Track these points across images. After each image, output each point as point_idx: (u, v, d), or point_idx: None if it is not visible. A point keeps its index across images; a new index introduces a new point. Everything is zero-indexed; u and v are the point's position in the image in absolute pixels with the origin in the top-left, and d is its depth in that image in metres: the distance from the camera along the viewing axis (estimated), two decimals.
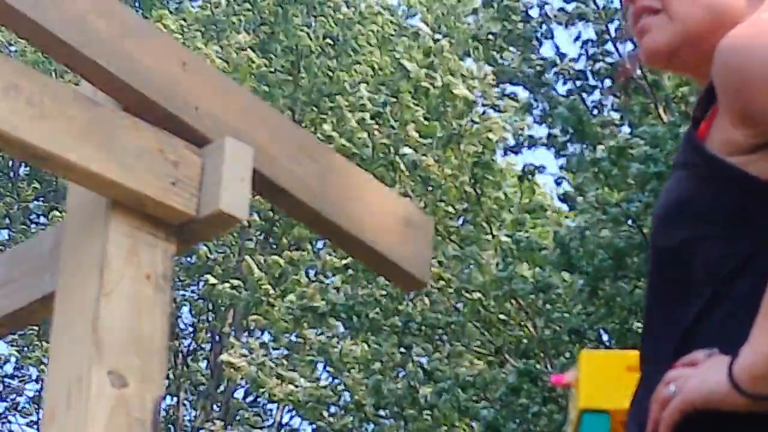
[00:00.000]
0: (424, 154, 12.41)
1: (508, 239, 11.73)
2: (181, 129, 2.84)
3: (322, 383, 13.54)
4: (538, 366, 11.18)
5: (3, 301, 3.04)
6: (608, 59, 11.79)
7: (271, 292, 14.20)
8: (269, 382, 13.16)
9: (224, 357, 14.12)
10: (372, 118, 13.03)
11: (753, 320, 1.70)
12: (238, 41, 16.31)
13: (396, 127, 12.81)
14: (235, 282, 14.90)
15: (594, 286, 10.55)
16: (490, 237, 12.38)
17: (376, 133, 12.83)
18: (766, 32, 1.79)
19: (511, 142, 12.76)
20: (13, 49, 17.29)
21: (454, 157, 12.42)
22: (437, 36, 13.12)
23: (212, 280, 14.91)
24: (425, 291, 11.94)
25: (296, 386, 13.14)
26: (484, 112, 12.84)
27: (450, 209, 12.61)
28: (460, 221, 12.88)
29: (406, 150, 12.43)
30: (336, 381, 13.89)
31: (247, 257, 15.25)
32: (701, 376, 1.72)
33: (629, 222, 10.36)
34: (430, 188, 12.42)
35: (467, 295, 11.88)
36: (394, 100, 12.98)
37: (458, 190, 12.48)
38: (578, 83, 11.91)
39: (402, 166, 12.47)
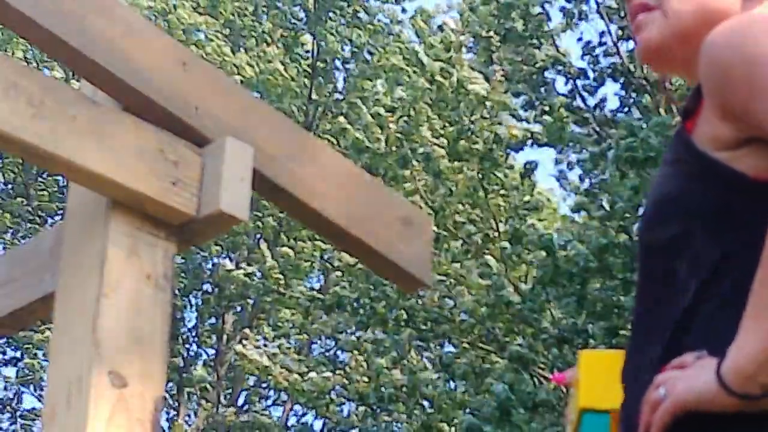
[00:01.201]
0: (436, 145, 12.41)
1: (506, 244, 11.74)
2: (181, 129, 2.84)
3: (326, 374, 13.52)
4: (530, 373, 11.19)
5: (4, 300, 3.04)
6: (610, 59, 11.82)
7: (282, 281, 14.22)
8: (275, 370, 13.16)
9: (238, 348, 14.11)
10: (387, 111, 13.03)
11: (740, 317, 1.70)
12: (267, 52, 16.28)
13: (409, 121, 12.81)
14: (249, 269, 14.88)
15: (581, 294, 10.58)
16: (496, 234, 12.40)
17: (390, 126, 12.84)
18: (751, 28, 1.80)
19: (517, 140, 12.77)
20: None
21: (463, 152, 12.43)
22: (461, 36, 13.11)
23: (228, 266, 14.86)
24: (433, 286, 11.98)
25: (302, 375, 13.15)
26: (493, 108, 12.83)
27: (459, 205, 12.62)
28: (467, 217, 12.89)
29: (421, 144, 12.45)
30: (341, 372, 13.87)
31: (261, 244, 15.24)
32: (691, 379, 1.72)
33: (619, 220, 10.40)
34: (439, 183, 12.43)
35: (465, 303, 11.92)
36: (411, 98, 12.98)
37: (465, 185, 12.49)
38: (579, 83, 11.93)
39: (414, 161, 12.48)
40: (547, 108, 11.74)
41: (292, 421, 17.89)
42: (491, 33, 12.28)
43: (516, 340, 11.39)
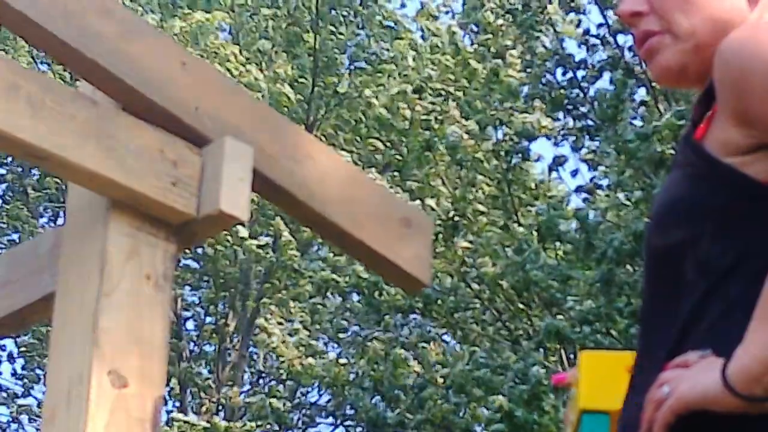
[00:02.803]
0: (465, 133, 12.33)
1: (534, 220, 11.71)
2: (181, 129, 2.84)
3: (342, 361, 13.44)
4: (552, 358, 11.15)
5: (3, 301, 3.04)
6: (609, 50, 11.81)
7: (297, 258, 14.12)
8: (289, 353, 13.06)
9: (260, 321, 13.95)
10: (415, 92, 12.93)
11: (746, 321, 1.70)
12: (279, 73, 16.27)
13: (437, 103, 12.73)
14: (263, 240, 14.74)
15: (610, 277, 10.53)
16: (516, 225, 12.37)
17: (417, 107, 12.75)
18: (765, 33, 1.80)
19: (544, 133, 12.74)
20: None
21: (489, 143, 12.39)
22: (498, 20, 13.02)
23: (242, 232, 14.72)
24: (447, 273, 11.95)
25: (315, 358, 13.06)
26: (525, 101, 12.76)
27: (480, 193, 12.58)
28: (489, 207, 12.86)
29: (450, 129, 12.34)
30: (352, 360, 13.80)
31: (277, 218, 15.15)
32: (695, 378, 1.72)
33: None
34: (463, 171, 12.37)
35: (482, 286, 11.88)
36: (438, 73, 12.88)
37: (490, 175, 12.46)
38: (579, 73, 11.92)
39: (439, 146, 12.40)
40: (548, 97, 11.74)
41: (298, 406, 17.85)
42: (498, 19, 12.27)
43: (542, 320, 11.34)
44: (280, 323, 14.15)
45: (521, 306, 11.81)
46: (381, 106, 13.20)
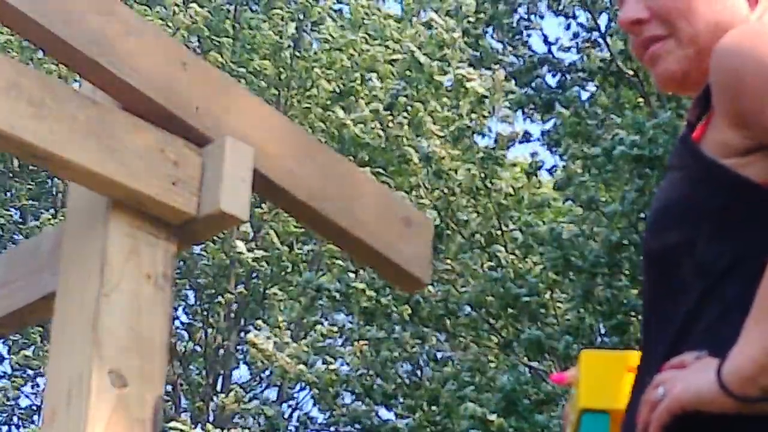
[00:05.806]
0: (438, 145, 12.38)
1: (517, 233, 11.74)
2: (181, 129, 2.84)
3: (332, 367, 13.45)
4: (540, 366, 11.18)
5: (3, 301, 3.04)
6: (599, 51, 11.81)
7: (289, 268, 14.18)
8: (281, 359, 13.08)
9: (250, 336, 14.02)
10: (386, 109, 12.98)
11: (743, 322, 1.71)
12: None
13: (409, 116, 12.77)
14: (259, 253, 14.81)
15: (588, 290, 10.57)
16: (499, 232, 12.39)
17: (390, 124, 12.79)
18: (761, 34, 1.81)
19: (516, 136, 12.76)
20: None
21: (464, 151, 12.42)
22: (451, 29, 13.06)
23: (240, 247, 14.79)
24: (436, 281, 11.98)
25: (307, 364, 13.08)
26: (493, 107, 12.81)
27: (462, 202, 12.61)
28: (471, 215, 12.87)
29: (422, 143, 12.41)
30: (345, 366, 13.80)
31: (269, 229, 15.21)
32: (690, 378, 1.73)
33: (626, 219, 10.40)
34: (442, 181, 12.40)
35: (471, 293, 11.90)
36: (409, 91, 12.93)
37: (469, 184, 12.49)
38: (569, 76, 11.92)
39: (415, 159, 12.45)
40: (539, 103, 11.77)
41: (290, 412, 17.85)
42: (479, 20, 12.30)
43: (524, 333, 11.37)
44: (278, 327, 14.19)
45: (509, 313, 11.83)
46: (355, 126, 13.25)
